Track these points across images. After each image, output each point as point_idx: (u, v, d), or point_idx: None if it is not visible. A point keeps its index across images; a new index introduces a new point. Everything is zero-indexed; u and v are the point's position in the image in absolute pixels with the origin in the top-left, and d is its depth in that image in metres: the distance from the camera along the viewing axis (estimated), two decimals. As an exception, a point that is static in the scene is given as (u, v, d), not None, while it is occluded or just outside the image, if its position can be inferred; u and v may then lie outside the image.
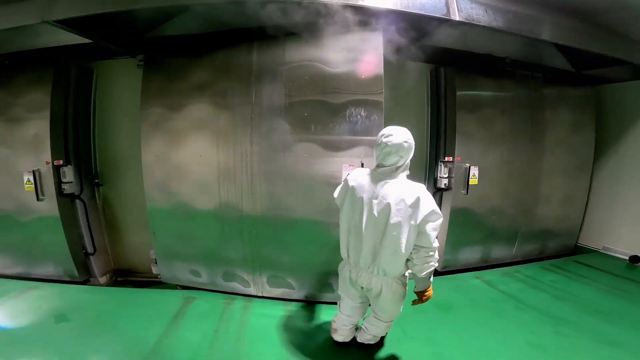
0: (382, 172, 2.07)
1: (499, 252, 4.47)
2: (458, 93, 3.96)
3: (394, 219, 1.96)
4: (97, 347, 2.58)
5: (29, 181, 3.38)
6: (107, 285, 4.11)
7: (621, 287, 3.75)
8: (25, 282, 3.66)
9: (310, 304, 3.33)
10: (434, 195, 4.27)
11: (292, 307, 3.29)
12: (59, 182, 3.49)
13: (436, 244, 2.01)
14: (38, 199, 3.41)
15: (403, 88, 4.17)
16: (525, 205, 4.46)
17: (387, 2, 2.77)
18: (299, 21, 2.88)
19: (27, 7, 2.74)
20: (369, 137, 3.03)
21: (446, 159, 4.02)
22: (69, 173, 3.53)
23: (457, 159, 3.96)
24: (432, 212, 1.96)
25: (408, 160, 2.08)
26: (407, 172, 2.11)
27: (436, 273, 4.31)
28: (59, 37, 3.18)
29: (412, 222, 1.95)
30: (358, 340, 2.57)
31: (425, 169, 4.39)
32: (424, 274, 2.05)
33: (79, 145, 3.84)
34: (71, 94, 3.74)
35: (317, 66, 3.08)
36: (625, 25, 3.99)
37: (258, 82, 3.17)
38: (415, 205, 1.94)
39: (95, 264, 4.00)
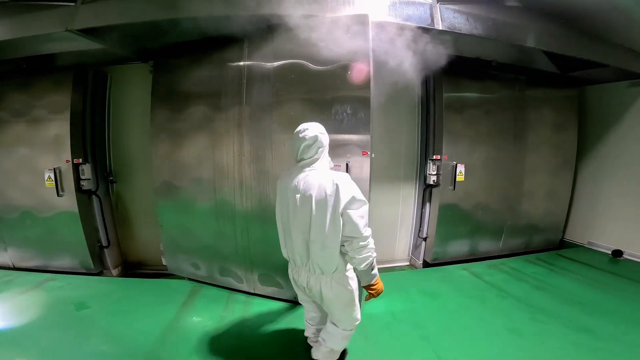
0: (302, 165, 2.06)
1: (486, 245, 4.72)
2: (445, 95, 4.22)
3: (316, 211, 1.92)
4: (116, 330, 2.87)
5: (49, 178, 3.68)
6: (118, 277, 4.40)
7: (601, 280, 3.96)
8: (43, 274, 3.95)
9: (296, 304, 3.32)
10: (424, 191, 4.56)
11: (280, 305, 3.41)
12: (78, 179, 3.79)
13: (367, 232, 1.94)
14: (58, 195, 3.71)
15: (395, 91, 4.42)
16: (510, 201, 4.71)
17: (377, 14, 3.04)
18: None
19: (51, 16, 3.01)
20: (356, 136, 2.95)
21: (434, 157, 4.29)
22: (87, 171, 3.83)
23: (444, 157, 4.22)
24: (353, 198, 1.89)
25: (326, 152, 2.11)
26: (330, 165, 2.14)
27: (426, 265, 4.59)
28: (76, 43, 3.37)
29: (335, 212, 1.89)
30: (313, 357, 2.39)
31: (416, 166, 4.66)
32: (362, 266, 1.96)
33: (95, 144, 4.14)
34: (88, 96, 4.04)
35: (304, 64, 3.03)
36: (607, 30, 4.23)
37: (248, 83, 3.24)
38: (335, 193, 1.88)
39: (109, 256, 4.30)
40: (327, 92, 2.99)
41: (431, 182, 4.33)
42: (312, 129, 2.05)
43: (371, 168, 2.98)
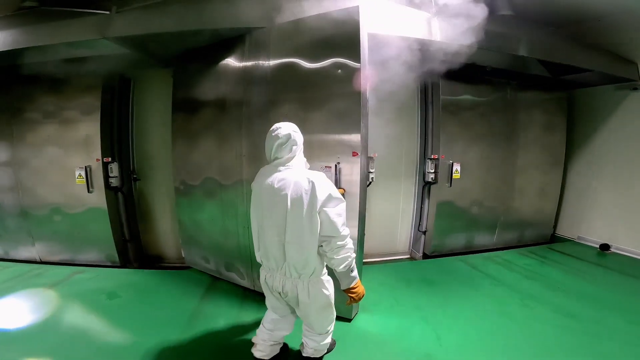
0: (277, 165, 2.01)
1: (481, 239, 5.05)
2: (442, 98, 4.55)
3: (292, 210, 1.87)
4: (148, 315, 3.17)
5: (80, 176, 4.00)
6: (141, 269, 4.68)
7: (587, 271, 4.27)
8: (70, 267, 4.24)
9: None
10: (423, 188, 4.89)
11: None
12: (106, 177, 4.11)
13: (345, 231, 1.90)
14: (89, 192, 4.04)
15: (396, 95, 4.73)
16: (503, 198, 5.05)
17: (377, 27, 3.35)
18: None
19: (87, 23, 3.27)
20: (346, 135, 2.81)
21: (432, 156, 4.64)
22: (115, 169, 4.15)
23: (441, 156, 4.56)
24: (330, 196, 1.86)
25: (301, 151, 2.07)
26: (307, 165, 2.10)
27: (425, 257, 4.92)
28: (105, 48, 3.57)
29: (312, 210, 1.85)
30: (303, 354, 2.39)
31: (415, 165, 4.98)
32: (342, 267, 1.91)
33: (121, 144, 4.47)
34: (115, 99, 4.36)
35: (296, 63, 3.02)
36: (595, 36, 4.55)
37: (247, 85, 3.36)
38: (311, 191, 1.84)
39: (131, 250, 4.62)
40: (317, 90, 2.95)
41: (429, 180, 4.67)
42: (285, 128, 2.00)
43: (361, 170, 2.80)
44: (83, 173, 4.00)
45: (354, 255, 1.95)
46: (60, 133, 4.14)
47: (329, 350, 2.47)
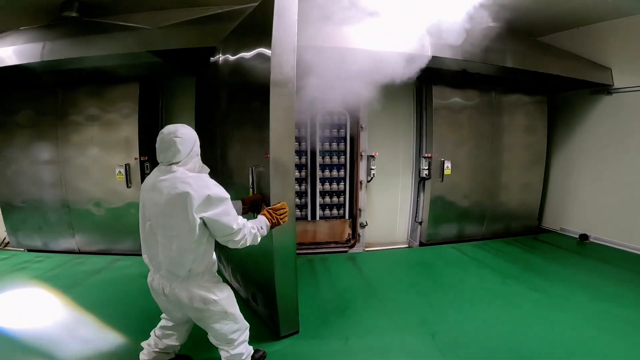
0: (160, 170, 1.90)
1: (471, 229, 5.62)
2: (434, 102, 5.13)
3: (166, 211, 1.79)
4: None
5: (120, 173, 4.59)
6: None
7: (564, 257, 4.81)
8: (108, 257, 4.76)
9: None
10: (418, 183, 5.47)
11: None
12: (143, 174, 4.69)
13: (239, 224, 1.86)
14: (128, 187, 4.64)
15: (393, 100, 5.29)
16: (490, 192, 5.62)
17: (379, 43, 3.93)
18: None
19: (130, 37, 3.80)
20: (257, 134, 2.62)
21: (426, 154, 5.22)
22: (150, 167, 4.72)
23: (434, 155, 5.14)
24: (208, 198, 1.76)
25: (188, 156, 1.89)
26: (205, 170, 2.00)
27: (421, 245, 5.49)
28: (141, 58, 3.95)
29: (187, 212, 1.74)
30: None
31: (412, 162, 5.57)
32: (249, 243, 1.94)
33: (152, 145, 5.05)
34: (149, 104, 4.93)
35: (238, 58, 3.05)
36: (571, 45, 5.10)
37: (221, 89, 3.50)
38: (188, 195, 1.73)
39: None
40: (238, 84, 3.02)
41: (424, 175, 5.26)
42: (167, 132, 1.87)
43: (273, 174, 2.45)
44: (123, 170, 4.59)
45: (254, 230, 1.97)
46: (103, 135, 4.72)
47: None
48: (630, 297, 3.47)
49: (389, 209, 5.62)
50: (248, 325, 2.21)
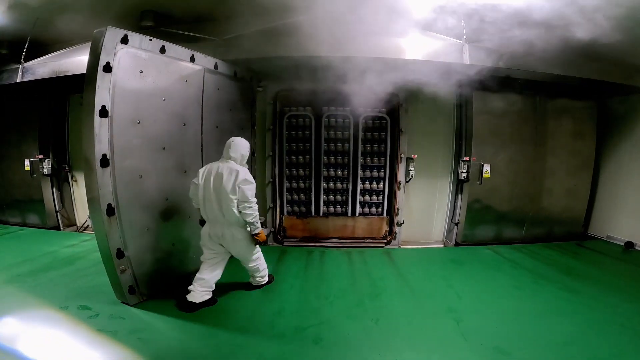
0: (221, 160, 3.30)
1: (509, 232, 5.68)
2: (475, 106, 5.28)
3: (225, 185, 3.10)
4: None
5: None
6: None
7: (604, 262, 4.76)
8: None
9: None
10: (456, 185, 5.67)
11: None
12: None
13: (250, 201, 3.12)
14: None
15: (434, 105, 5.52)
16: (532, 196, 5.63)
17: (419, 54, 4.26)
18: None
19: (201, 47, 4.21)
20: None
21: (465, 158, 5.40)
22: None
23: (473, 158, 5.31)
24: (244, 180, 3.12)
25: (239, 154, 3.28)
26: (246, 166, 3.34)
27: (457, 245, 5.68)
28: None
29: (234, 186, 3.09)
30: (252, 283, 3.72)
31: (450, 165, 5.77)
32: (249, 218, 3.16)
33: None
34: None
35: None
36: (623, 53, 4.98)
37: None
38: (236, 175, 3.12)
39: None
40: None
41: (462, 178, 5.44)
42: (230, 140, 3.32)
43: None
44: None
45: (257, 213, 3.23)
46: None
47: (269, 281, 3.85)
48: (666, 304, 3.46)
49: (426, 209, 5.87)
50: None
